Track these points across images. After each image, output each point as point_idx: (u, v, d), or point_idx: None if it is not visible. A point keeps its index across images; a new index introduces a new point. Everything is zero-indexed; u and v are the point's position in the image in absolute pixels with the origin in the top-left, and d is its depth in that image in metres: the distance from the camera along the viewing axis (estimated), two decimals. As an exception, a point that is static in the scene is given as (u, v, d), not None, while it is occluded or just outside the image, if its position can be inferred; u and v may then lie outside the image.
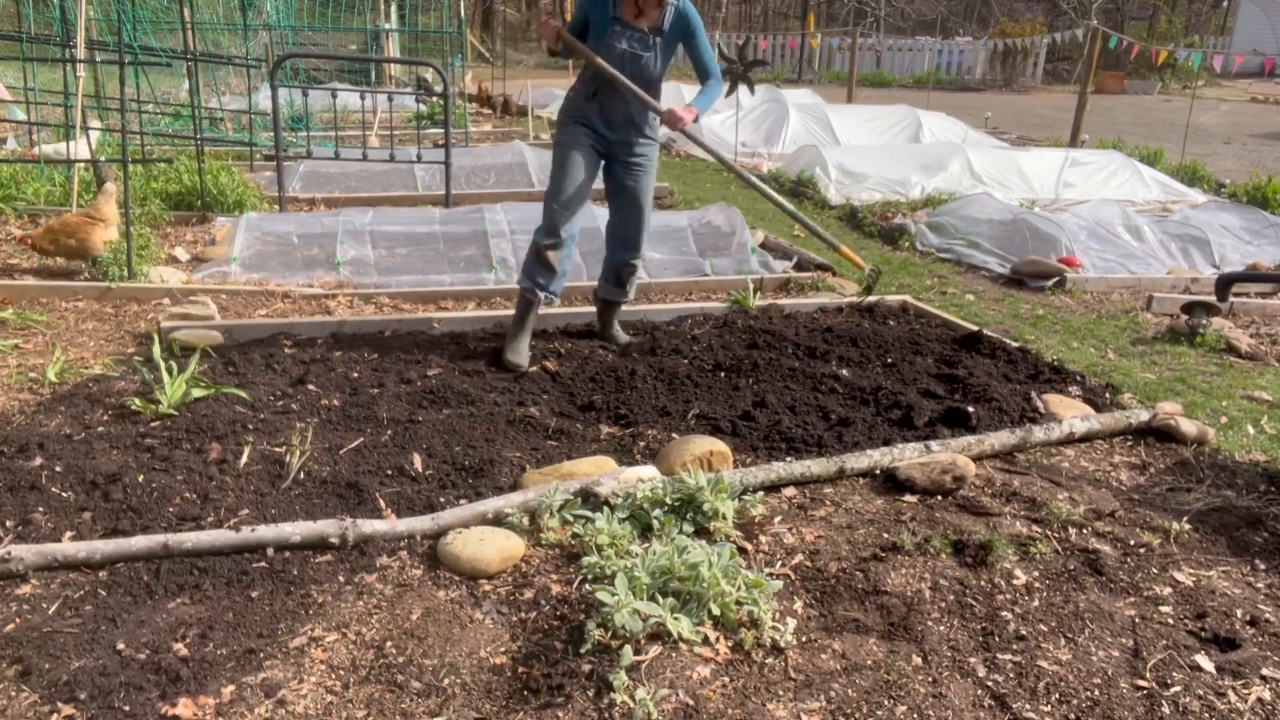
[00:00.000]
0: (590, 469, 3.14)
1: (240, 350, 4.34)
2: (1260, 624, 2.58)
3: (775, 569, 2.77)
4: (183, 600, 2.52)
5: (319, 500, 3.05)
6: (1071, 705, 2.24)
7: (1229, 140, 14.92)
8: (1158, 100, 22.75)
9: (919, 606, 2.59)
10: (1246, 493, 3.39)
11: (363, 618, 2.49)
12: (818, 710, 2.20)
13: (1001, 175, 9.17)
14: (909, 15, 34.71)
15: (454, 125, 10.03)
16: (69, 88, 6.94)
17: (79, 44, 5.99)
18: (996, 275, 6.54)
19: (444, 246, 6.02)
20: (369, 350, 4.43)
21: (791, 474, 3.27)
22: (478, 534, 2.76)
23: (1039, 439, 3.66)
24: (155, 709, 2.12)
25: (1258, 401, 4.32)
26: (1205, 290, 6.08)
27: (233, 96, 12.19)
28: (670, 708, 2.16)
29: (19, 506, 2.90)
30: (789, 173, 9.67)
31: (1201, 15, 34.80)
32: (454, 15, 12.47)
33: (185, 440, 3.37)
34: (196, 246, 6.26)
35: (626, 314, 5.10)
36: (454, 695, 2.22)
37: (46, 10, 8.89)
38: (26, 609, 2.46)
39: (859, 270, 4.93)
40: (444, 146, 7.54)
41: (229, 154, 9.12)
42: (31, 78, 7.51)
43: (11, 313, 4.79)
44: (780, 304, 5.36)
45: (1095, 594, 2.70)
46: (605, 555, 2.64)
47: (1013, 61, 25.93)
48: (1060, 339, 5.21)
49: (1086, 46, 13.49)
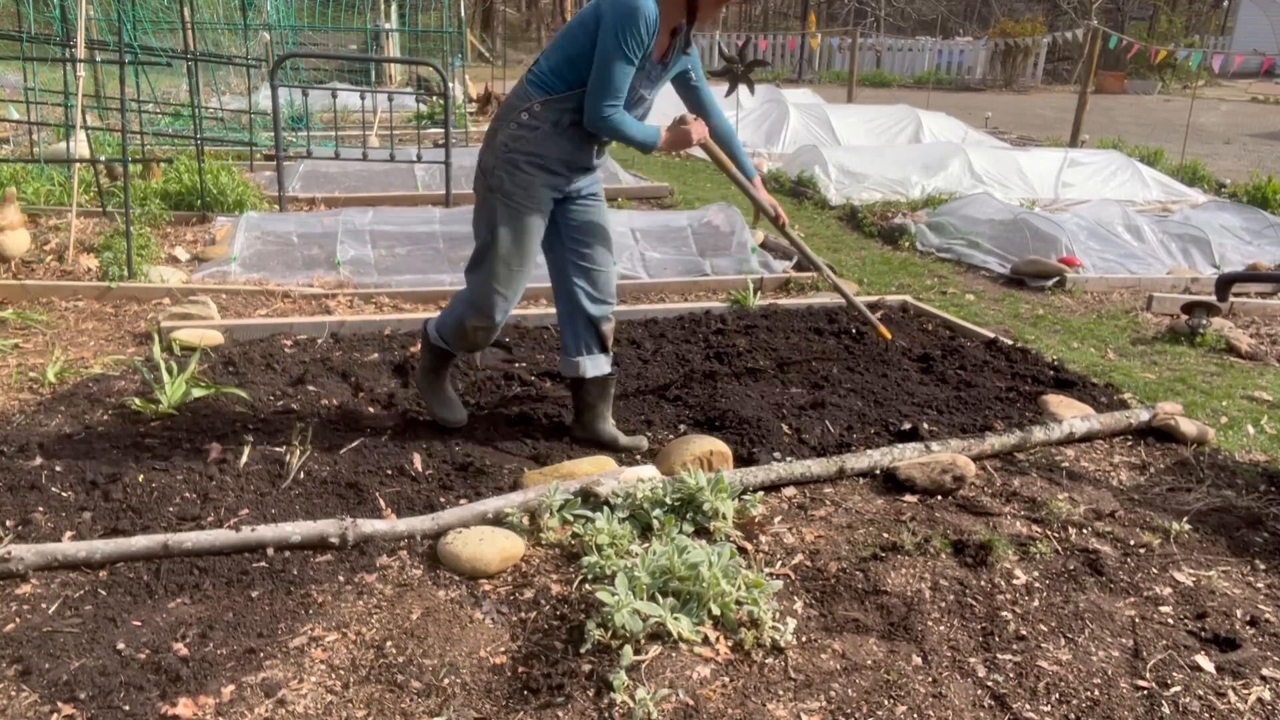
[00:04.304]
0: (590, 469, 3.14)
1: (240, 350, 4.34)
2: (1260, 624, 2.58)
3: (775, 569, 2.77)
4: (183, 600, 2.52)
5: (319, 500, 3.05)
6: (1071, 705, 2.24)
7: (1229, 140, 14.92)
8: (1158, 100, 22.75)
9: (919, 606, 2.59)
10: (1246, 493, 3.39)
11: (363, 617, 2.49)
12: (818, 710, 2.20)
13: (1002, 175, 9.17)
14: (909, 15, 34.70)
15: (454, 125, 10.03)
16: (69, 87, 6.94)
17: (79, 44, 5.99)
18: (996, 275, 6.54)
19: (444, 246, 6.02)
20: (369, 350, 4.43)
21: (791, 474, 3.27)
22: (478, 534, 2.76)
23: (1039, 439, 3.66)
24: (155, 709, 2.12)
25: (1258, 401, 4.32)
26: (1205, 290, 6.08)
27: (233, 96, 12.19)
28: (670, 708, 2.16)
29: (19, 506, 2.90)
30: (789, 173, 9.67)
31: (1201, 15, 34.80)
32: (454, 15, 12.47)
33: (185, 440, 3.37)
34: (196, 246, 6.26)
35: (627, 314, 5.09)
36: (454, 695, 2.22)
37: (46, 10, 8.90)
38: (26, 609, 2.46)
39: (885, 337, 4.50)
40: (444, 146, 7.54)
41: (229, 154, 9.13)
42: (31, 78, 7.51)
43: (11, 313, 4.79)
44: (780, 304, 5.36)
45: (1095, 594, 2.70)
46: (605, 555, 2.64)
47: (1013, 61, 25.93)
48: (1060, 339, 5.21)
49: (1086, 46, 13.49)
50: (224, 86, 12.27)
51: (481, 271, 3.29)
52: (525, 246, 3.26)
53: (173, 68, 10.26)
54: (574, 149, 3.21)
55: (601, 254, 3.42)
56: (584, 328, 3.44)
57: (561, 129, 3.15)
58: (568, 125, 3.15)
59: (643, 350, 4.55)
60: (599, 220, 3.41)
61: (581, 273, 3.41)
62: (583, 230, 3.38)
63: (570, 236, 3.39)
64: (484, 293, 3.30)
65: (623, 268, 5.96)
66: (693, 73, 3.44)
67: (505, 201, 3.20)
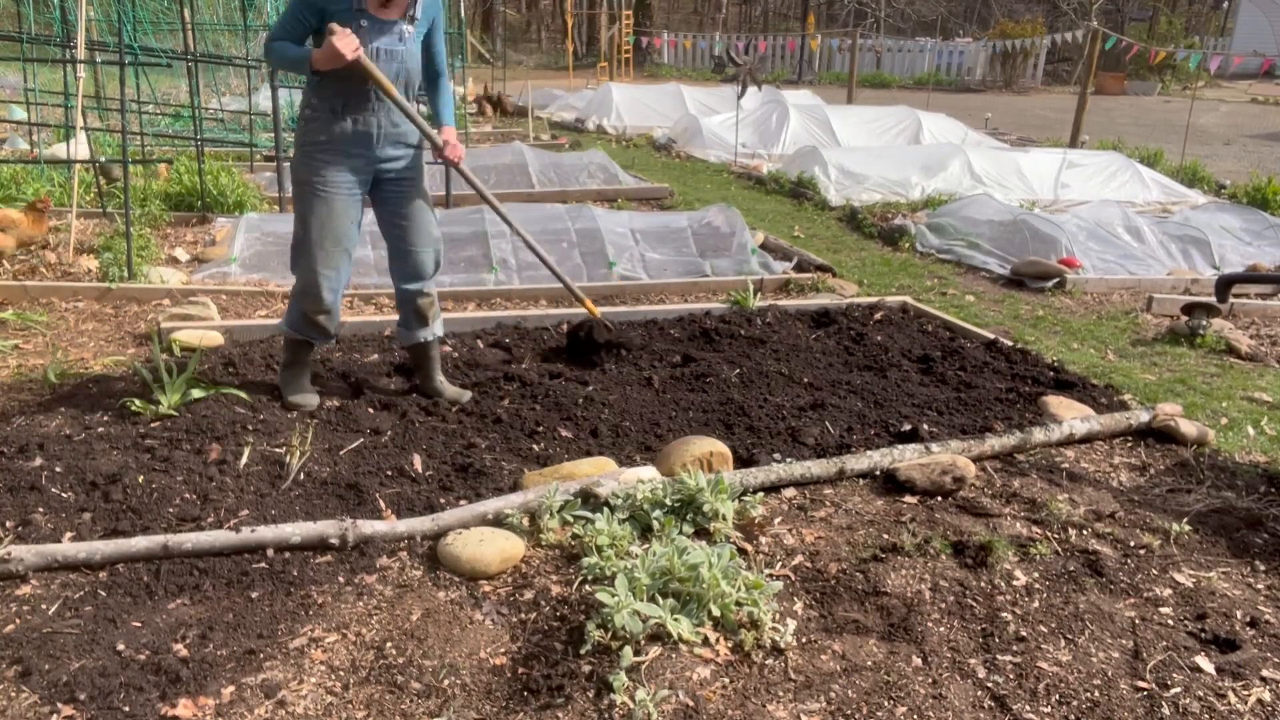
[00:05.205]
0: (590, 469, 3.14)
1: (240, 351, 4.34)
2: (1260, 625, 2.58)
3: (775, 570, 2.77)
4: (183, 601, 2.52)
5: (319, 501, 3.05)
6: (1071, 706, 2.24)
7: (1229, 141, 14.93)
8: (1157, 101, 22.76)
9: (919, 607, 2.59)
10: (1246, 494, 3.39)
11: (363, 618, 2.49)
12: (818, 711, 2.20)
13: (1001, 176, 9.18)
14: (909, 16, 34.71)
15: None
16: (69, 88, 6.94)
17: (79, 44, 5.99)
18: (996, 276, 6.54)
19: (444, 247, 6.01)
20: (369, 350, 4.43)
21: (791, 475, 3.27)
22: (478, 535, 2.76)
23: (1039, 440, 3.66)
24: (155, 709, 2.12)
25: (1258, 403, 4.32)
26: (1205, 291, 6.08)
27: (233, 97, 12.19)
28: (670, 708, 2.16)
29: (19, 506, 2.90)
30: (789, 174, 9.67)
31: (1201, 16, 34.81)
32: (454, 16, 12.47)
33: (185, 440, 3.37)
34: (196, 247, 6.26)
35: (628, 315, 5.10)
36: (454, 696, 2.22)
37: (46, 10, 8.90)
38: (26, 609, 2.46)
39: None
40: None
41: (229, 155, 9.13)
42: (31, 78, 7.51)
43: (11, 313, 4.79)
44: (780, 304, 5.36)
45: (1095, 595, 2.70)
46: (605, 556, 2.64)
47: (1013, 62, 25.95)
48: (1060, 340, 5.21)
49: (1086, 47, 13.50)
50: (224, 87, 12.27)
51: (302, 260, 3.54)
52: (333, 227, 3.48)
53: (173, 69, 10.27)
54: (354, 127, 3.42)
55: (412, 235, 3.65)
56: (403, 303, 3.77)
57: (338, 112, 3.40)
58: (342, 108, 3.39)
59: (643, 350, 4.55)
60: (408, 204, 3.62)
61: (397, 254, 3.70)
62: (394, 214, 3.63)
63: (385, 219, 3.67)
64: (310, 279, 3.54)
65: (623, 269, 5.96)
66: (434, 33, 3.58)
67: (307, 190, 3.46)
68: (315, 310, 3.61)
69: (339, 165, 3.43)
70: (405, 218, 3.63)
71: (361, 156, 3.46)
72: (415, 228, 3.65)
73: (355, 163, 3.46)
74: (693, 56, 28.21)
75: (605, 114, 14.60)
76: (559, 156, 9.43)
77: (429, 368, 3.89)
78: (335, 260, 3.53)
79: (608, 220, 6.41)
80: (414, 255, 3.67)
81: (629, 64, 24.32)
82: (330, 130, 3.40)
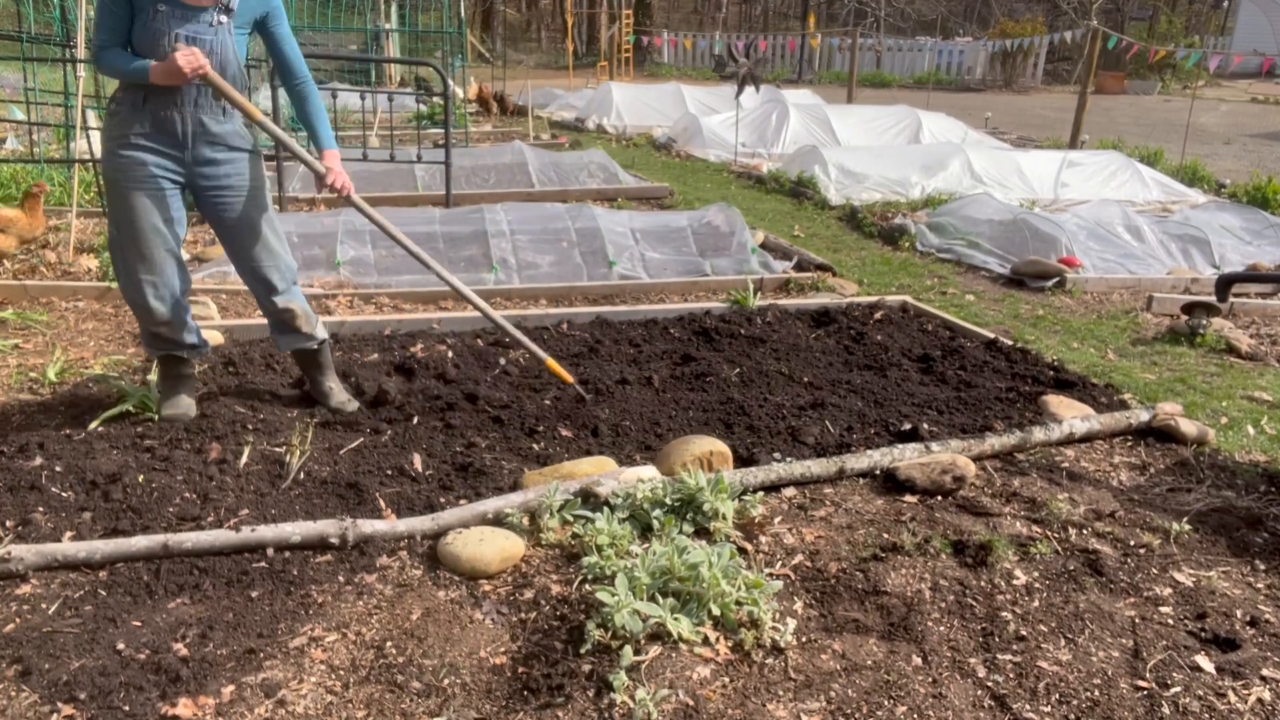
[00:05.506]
0: (590, 469, 3.14)
1: (240, 350, 4.34)
2: (1260, 624, 2.58)
3: (775, 569, 2.77)
4: (183, 600, 2.52)
5: (319, 500, 3.05)
6: (1071, 706, 2.24)
7: (1229, 140, 14.92)
8: (1158, 100, 22.76)
9: (919, 607, 2.59)
10: (1246, 493, 3.39)
11: (363, 618, 2.49)
12: (818, 710, 2.20)
13: (1001, 176, 9.18)
14: (909, 15, 34.71)
15: (454, 125, 10.03)
16: (69, 88, 6.94)
17: (79, 44, 5.99)
18: (996, 275, 6.54)
19: (444, 246, 6.02)
20: (369, 350, 4.43)
21: (791, 474, 3.27)
22: (478, 534, 2.76)
23: (1039, 439, 3.66)
24: (155, 709, 2.12)
25: (1258, 402, 4.32)
26: (1205, 290, 6.08)
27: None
28: (670, 708, 2.17)
29: (19, 506, 2.90)
30: (789, 173, 9.67)
31: (1202, 15, 34.81)
32: (454, 15, 12.47)
33: (185, 440, 3.37)
34: (196, 246, 6.26)
35: (628, 315, 5.10)
36: (454, 695, 2.22)
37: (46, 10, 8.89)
38: (26, 609, 2.46)
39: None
40: (444, 146, 7.54)
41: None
42: (31, 77, 7.51)
43: (11, 313, 4.79)
44: (780, 304, 5.36)
45: (1095, 594, 2.70)
46: (605, 555, 2.64)
47: (1013, 62, 25.94)
48: (1060, 339, 5.21)
49: (1086, 47, 13.49)
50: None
51: (119, 264, 3.34)
52: (144, 226, 3.25)
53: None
54: (155, 121, 3.20)
55: (247, 250, 3.44)
56: (266, 313, 3.61)
57: (139, 106, 3.19)
58: (143, 101, 3.18)
59: (643, 351, 4.55)
60: (235, 219, 3.39)
61: (241, 270, 3.52)
62: (222, 230, 3.43)
63: (220, 237, 3.47)
64: (130, 285, 3.33)
65: (623, 268, 5.96)
66: (271, 22, 3.32)
67: (112, 187, 3.26)
68: (149, 321, 3.38)
69: (142, 160, 3.21)
70: (235, 236, 3.40)
71: (168, 154, 3.24)
72: (249, 246, 3.43)
73: (162, 159, 3.24)
74: (693, 56, 28.22)
75: (605, 113, 14.60)
76: (559, 156, 9.43)
77: (312, 373, 3.73)
78: (155, 262, 3.28)
79: (608, 219, 6.41)
80: (257, 272, 3.47)
81: (629, 63, 24.32)
82: (132, 125, 3.19)
